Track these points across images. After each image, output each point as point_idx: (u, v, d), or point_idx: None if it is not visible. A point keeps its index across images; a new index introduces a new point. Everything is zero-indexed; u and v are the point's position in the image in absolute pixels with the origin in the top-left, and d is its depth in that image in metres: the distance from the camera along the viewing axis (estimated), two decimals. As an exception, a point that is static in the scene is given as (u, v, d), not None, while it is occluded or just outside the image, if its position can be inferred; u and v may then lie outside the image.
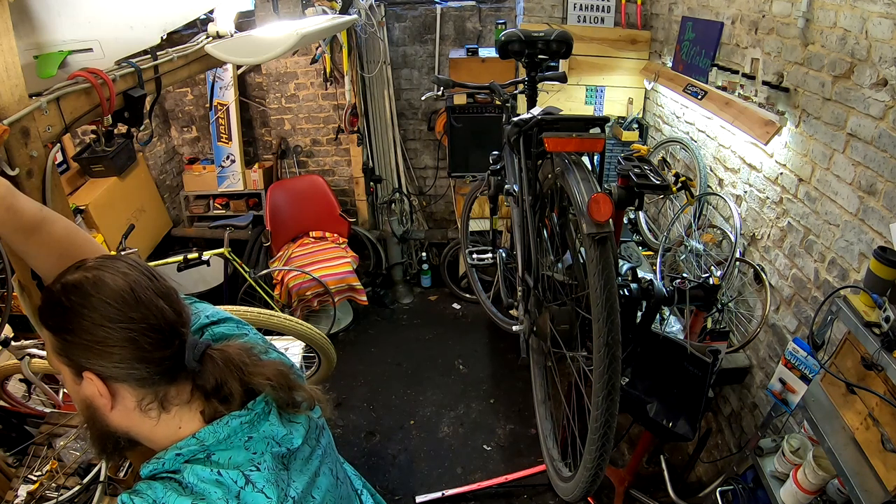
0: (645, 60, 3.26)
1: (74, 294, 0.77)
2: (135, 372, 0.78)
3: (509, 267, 2.52)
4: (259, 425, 0.84)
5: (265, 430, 0.84)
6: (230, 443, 0.81)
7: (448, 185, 4.35)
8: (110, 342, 0.76)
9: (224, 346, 0.87)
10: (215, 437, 0.81)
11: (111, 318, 0.76)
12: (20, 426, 1.95)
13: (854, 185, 1.64)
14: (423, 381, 3.45)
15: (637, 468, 2.39)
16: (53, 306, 0.78)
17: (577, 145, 1.55)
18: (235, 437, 0.82)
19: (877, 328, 1.32)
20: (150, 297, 0.80)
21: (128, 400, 0.80)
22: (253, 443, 0.82)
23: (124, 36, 1.60)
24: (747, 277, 2.24)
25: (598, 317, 1.38)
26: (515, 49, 2.20)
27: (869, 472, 1.31)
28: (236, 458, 0.80)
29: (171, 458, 0.80)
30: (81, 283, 0.77)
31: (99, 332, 0.76)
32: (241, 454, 0.81)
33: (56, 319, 0.78)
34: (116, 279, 0.78)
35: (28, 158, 1.19)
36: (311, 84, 4.07)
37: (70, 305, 0.76)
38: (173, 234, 4.31)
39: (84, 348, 0.77)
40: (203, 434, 0.81)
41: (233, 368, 0.84)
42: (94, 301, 0.76)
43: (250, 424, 0.83)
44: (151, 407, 0.80)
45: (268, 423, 0.85)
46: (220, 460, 0.79)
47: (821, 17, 1.75)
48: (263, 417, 0.85)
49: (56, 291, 0.78)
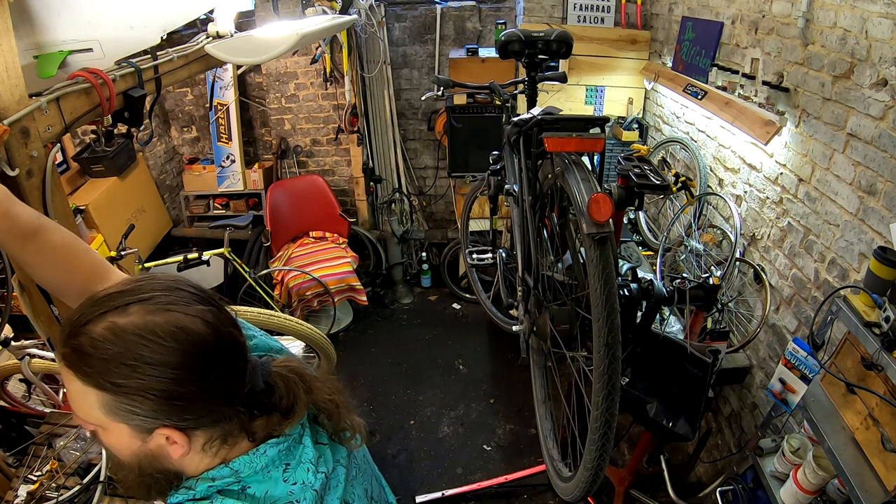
0: (645, 60, 3.26)
1: (143, 346, 0.62)
2: (220, 414, 0.70)
3: (509, 267, 2.52)
4: (295, 451, 0.78)
5: (301, 455, 0.78)
6: (267, 474, 0.74)
7: (448, 185, 4.35)
8: (201, 396, 0.66)
9: (287, 361, 0.81)
10: (251, 468, 0.73)
11: (199, 371, 0.65)
12: (20, 426, 1.95)
13: (854, 185, 1.64)
14: (423, 381, 3.45)
15: (637, 468, 2.38)
16: (108, 360, 0.62)
17: (577, 145, 1.55)
18: (273, 467, 0.74)
19: (877, 328, 1.32)
20: (230, 331, 0.70)
21: (197, 441, 0.71)
22: (291, 472, 0.75)
23: (124, 36, 1.60)
24: (747, 277, 2.24)
25: (598, 317, 1.37)
26: (515, 49, 2.20)
27: (869, 472, 1.31)
28: (273, 493, 0.73)
29: (203, 489, 0.72)
30: (152, 329, 0.63)
31: (183, 387, 0.64)
32: (279, 488, 0.73)
33: (113, 377, 0.63)
34: (196, 322, 0.65)
35: (28, 158, 1.19)
36: (311, 84, 4.07)
37: (137, 361, 0.62)
38: (173, 234, 4.31)
39: (160, 407, 0.65)
40: (238, 464, 0.73)
41: (302, 384, 0.78)
42: (175, 354, 0.63)
43: (288, 451, 0.77)
44: (216, 444, 0.72)
45: (302, 447, 0.79)
46: (255, 494, 0.72)
47: (821, 17, 1.75)
48: (298, 441, 0.79)
49: (109, 339, 0.62)
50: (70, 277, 0.92)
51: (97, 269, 0.94)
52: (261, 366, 0.77)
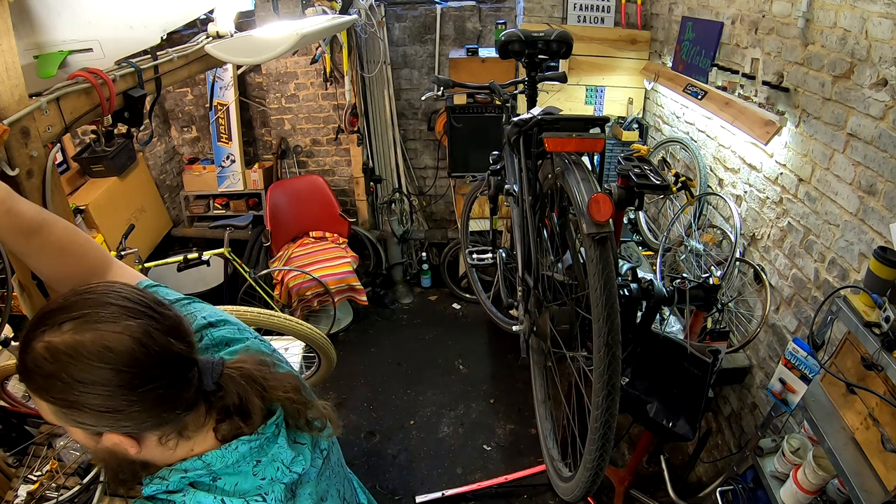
0: (645, 60, 3.26)
1: (73, 365, 0.65)
2: (162, 419, 0.73)
3: (509, 267, 2.52)
4: (268, 448, 0.81)
5: (274, 454, 0.81)
6: (238, 468, 0.77)
7: (448, 185, 4.35)
8: (133, 408, 0.69)
9: (240, 363, 0.82)
10: (223, 462, 0.77)
11: (130, 386, 0.67)
12: (20, 426, 1.94)
13: (854, 185, 1.64)
14: (423, 381, 3.45)
15: (637, 468, 2.38)
16: (46, 377, 0.66)
17: (577, 145, 1.55)
18: (244, 462, 0.78)
19: (877, 328, 1.32)
20: (163, 342, 0.71)
21: (150, 440, 0.75)
22: (261, 468, 0.79)
23: (124, 36, 1.60)
24: (747, 277, 2.24)
25: (598, 317, 1.38)
26: (515, 49, 2.20)
27: (869, 472, 1.31)
28: (243, 486, 0.77)
29: (176, 480, 0.76)
30: (78, 350, 0.65)
31: (115, 401, 0.68)
32: (248, 481, 0.77)
33: (53, 392, 0.67)
34: (123, 339, 0.67)
35: (28, 158, 1.19)
36: (311, 84, 4.07)
37: (69, 379, 0.66)
38: (173, 234, 4.31)
39: (99, 417, 0.69)
40: (211, 458, 0.76)
41: (254, 385, 0.79)
42: (103, 372, 0.66)
43: (259, 448, 0.80)
44: (171, 438, 0.75)
45: (276, 447, 0.82)
46: (225, 486, 0.76)
47: (821, 17, 1.75)
48: (272, 440, 0.81)
49: (45, 358, 0.66)
50: (73, 270, 0.93)
51: (99, 261, 0.96)
52: (211, 367, 0.78)
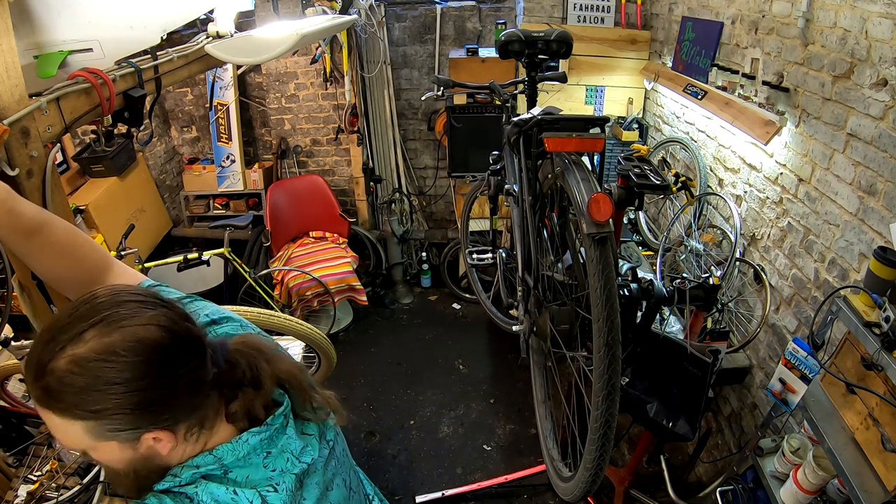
0: (645, 60, 3.26)
1: (108, 369, 0.65)
2: (193, 405, 0.73)
3: (509, 267, 2.52)
4: (277, 440, 0.81)
5: (283, 445, 0.82)
6: (248, 460, 0.78)
7: (448, 185, 4.35)
8: (174, 395, 0.70)
9: (243, 337, 0.84)
10: (234, 455, 0.77)
11: (166, 373, 0.69)
12: (20, 426, 1.94)
13: (854, 185, 1.64)
14: (423, 381, 3.45)
15: (637, 468, 2.38)
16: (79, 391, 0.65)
17: (577, 145, 1.55)
18: (254, 454, 0.79)
19: (877, 328, 1.32)
20: (184, 326, 0.73)
21: (180, 433, 0.75)
22: (272, 459, 0.80)
23: (124, 36, 1.60)
24: (747, 277, 2.24)
25: (598, 317, 1.38)
26: (515, 49, 2.20)
27: (869, 472, 1.31)
28: (254, 477, 0.78)
29: (188, 476, 0.76)
30: (111, 351, 0.65)
31: (154, 393, 0.68)
32: (259, 472, 0.78)
33: (88, 405, 0.66)
34: (151, 329, 0.68)
35: (28, 158, 1.19)
36: (311, 84, 4.07)
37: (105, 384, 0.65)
38: (173, 234, 4.31)
39: (139, 416, 0.69)
40: (222, 452, 0.77)
41: (261, 353, 0.81)
42: (139, 366, 0.67)
43: (269, 440, 0.80)
44: (194, 431, 0.76)
45: (285, 437, 0.82)
46: (237, 478, 0.77)
47: (821, 17, 1.75)
48: (281, 431, 0.82)
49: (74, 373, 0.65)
50: (73, 271, 0.93)
51: (99, 262, 0.96)
52: (220, 347, 0.79)
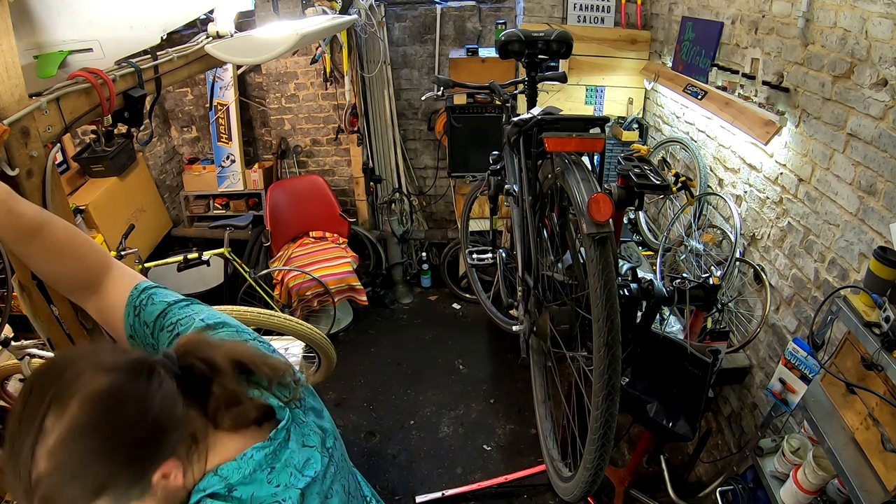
0: (645, 60, 3.26)
1: (84, 443, 0.66)
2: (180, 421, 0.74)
3: (509, 267, 2.52)
4: (281, 454, 0.81)
5: (286, 459, 0.82)
6: (254, 477, 0.78)
7: (448, 185, 4.35)
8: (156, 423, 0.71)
9: (182, 339, 0.84)
10: (240, 473, 0.77)
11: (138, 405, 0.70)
12: (20, 426, 1.94)
13: (854, 185, 1.64)
14: (423, 381, 3.45)
15: (637, 468, 2.38)
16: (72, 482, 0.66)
17: (577, 145, 1.55)
18: (259, 471, 0.78)
19: (877, 328, 1.32)
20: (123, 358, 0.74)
21: (182, 457, 0.75)
22: (275, 475, 0.79)
23: (124, 36, 1.60)
24: (747, 277, 2.24)
25: (598, 317, 1.38)
26: (515, 49, 2.20)
27: (869, 472, 1.31)
28: (259, 494, 0.77)
29: (194, 500, 0.76)
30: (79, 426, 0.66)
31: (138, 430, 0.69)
32: (263, 489, 0.78)
33: (87, 487, 0.67)
34: (98, 379, 0.69)
35: (28, 158, 1.19)
36: (311, 84, 4.06)
37: (91, 457, 0.66)
38: (173, 234, 4.31)
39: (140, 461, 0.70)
40: (226, 471, 0.77)
41: (201, 343, 0.81)
42: (112, 416, 0.68)
43: (273, 454, 0.80)
44: (193, 449, 0.76)
45: (288, 451, 0.82)
46: (241, 496, 0.76)
47: (821, 17, 1.75)
48: (284, 445, 0.82)
49: (55, 470, 0.65)
50: (73, 271, 0.93)
51: (99, 262, 0.96)
52: (167, 356, 0.79)
